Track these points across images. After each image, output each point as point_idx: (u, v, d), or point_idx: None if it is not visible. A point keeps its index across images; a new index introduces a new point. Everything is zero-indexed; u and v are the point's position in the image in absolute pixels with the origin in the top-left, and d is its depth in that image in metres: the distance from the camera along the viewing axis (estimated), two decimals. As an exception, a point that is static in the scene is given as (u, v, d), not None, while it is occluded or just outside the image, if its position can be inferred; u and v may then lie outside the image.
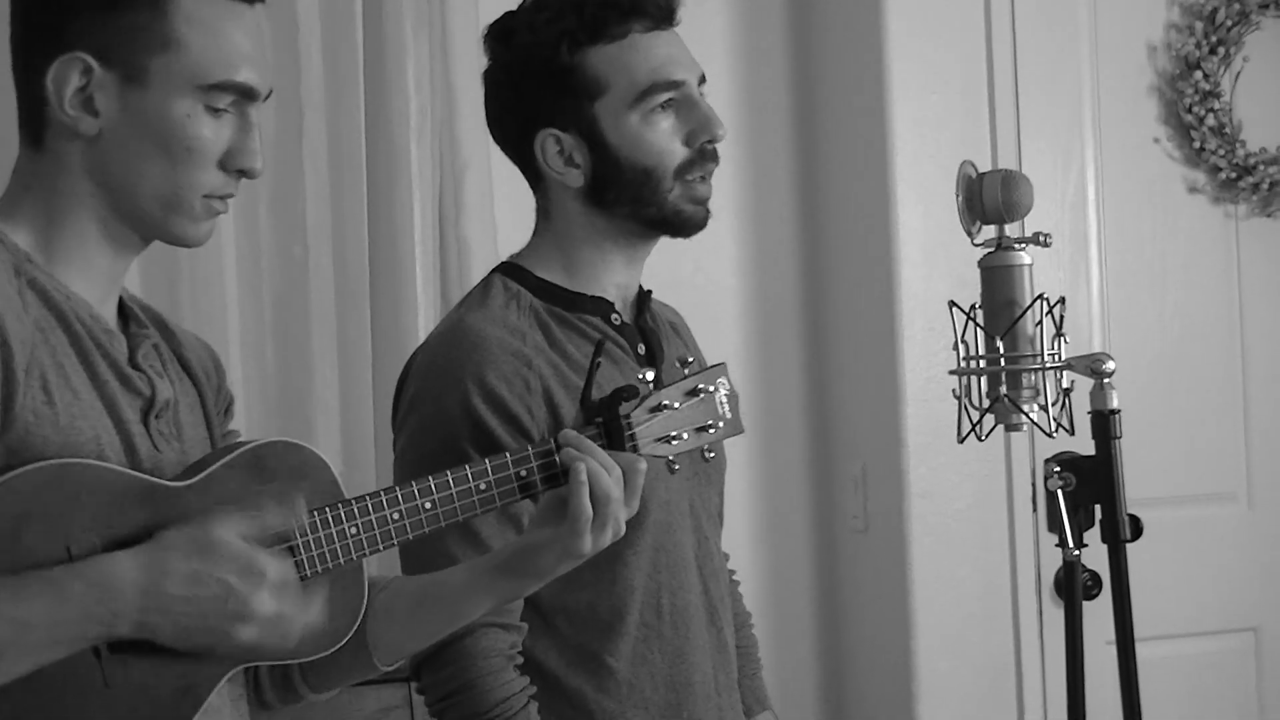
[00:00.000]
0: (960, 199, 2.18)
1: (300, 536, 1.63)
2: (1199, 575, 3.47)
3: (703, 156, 2.11)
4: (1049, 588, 3.35)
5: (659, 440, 1.82)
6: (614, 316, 2.14)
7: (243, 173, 1.69)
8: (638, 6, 2.09)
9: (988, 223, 2.19)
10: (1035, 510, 3.35)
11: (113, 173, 1.64)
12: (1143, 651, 2.18)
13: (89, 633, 1.51)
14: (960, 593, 3.30)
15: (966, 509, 3.31)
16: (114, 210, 1.66)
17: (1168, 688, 3.31)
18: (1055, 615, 3.34)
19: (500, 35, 2.15)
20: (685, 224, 2.13)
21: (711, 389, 1.85)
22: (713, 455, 1.91)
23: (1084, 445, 2.22)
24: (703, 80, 2.15)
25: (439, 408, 2.04)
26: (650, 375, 1.82)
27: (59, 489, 1.53)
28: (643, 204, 2.10)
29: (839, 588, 3.51)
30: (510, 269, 2.16)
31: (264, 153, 3.06)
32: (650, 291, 2.24)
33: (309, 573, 1.64)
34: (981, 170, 2.19)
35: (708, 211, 2.14)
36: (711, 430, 1.85)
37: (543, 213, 2.19)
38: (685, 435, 1.84)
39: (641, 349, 2.16)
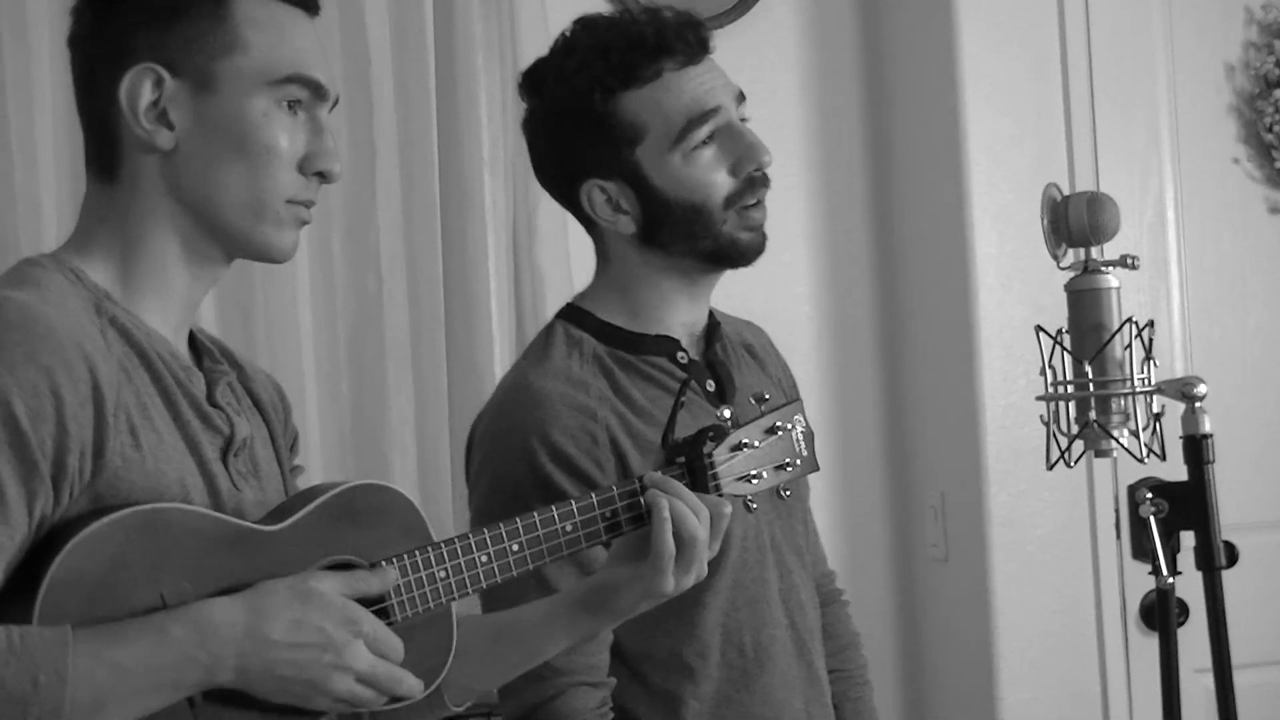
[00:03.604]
0: (1045, 222, 2.15)
1: (394, 597, 1.63)
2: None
3: (751, 184, 2.08)
4: (1134, 615, 3.31)
5: (740, 479, 1.79)
6: (680, 355, 2.12)
7: (321, 175, 1.66)
8: (666, 46, 2.05)
9: (1073, 245, 2.16)
10: (1119, 537, 3.30)
11: (193, 186, 1.62)
12: (1235, 679, 2.14)
13: (188, 678, 1.49)
14: (1043, 622, 3.25)
15: (1049, 536, 3.26)
16: (197, 226, 1.64)
17: (1261, 716, 3.25)
18: (1141, 643, 3.29)
19: (532, 84, 2.12)
20: (743, 253, 2.10)
21: (789, 426, 1.83)
22: (789, 494, 1.89)
23: (1167, 471, 2.19)
24: (742, 99, 2.11)
25: (506, 470, 2.02)
26: (728, 413, 1.79)
27: (151, 534, 1.52)
28: (697, 239, 2.07)
29: (920, 618, 3.47)
30: (572, 312, 2.14)
31: (337, 183, 3.09)
32: (719, 323, 2.20)
33: (398, 618, 1.63)
34: (1066, 193, 2.16)
35: (764, 236, 2.11)
36: (789, 468, 1.83)
37: (601, 255, 2.16)
38: (765, 474, 1.81)
39: (711, 385, 2.13)
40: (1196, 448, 2.09)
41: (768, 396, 1.84)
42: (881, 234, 3.49)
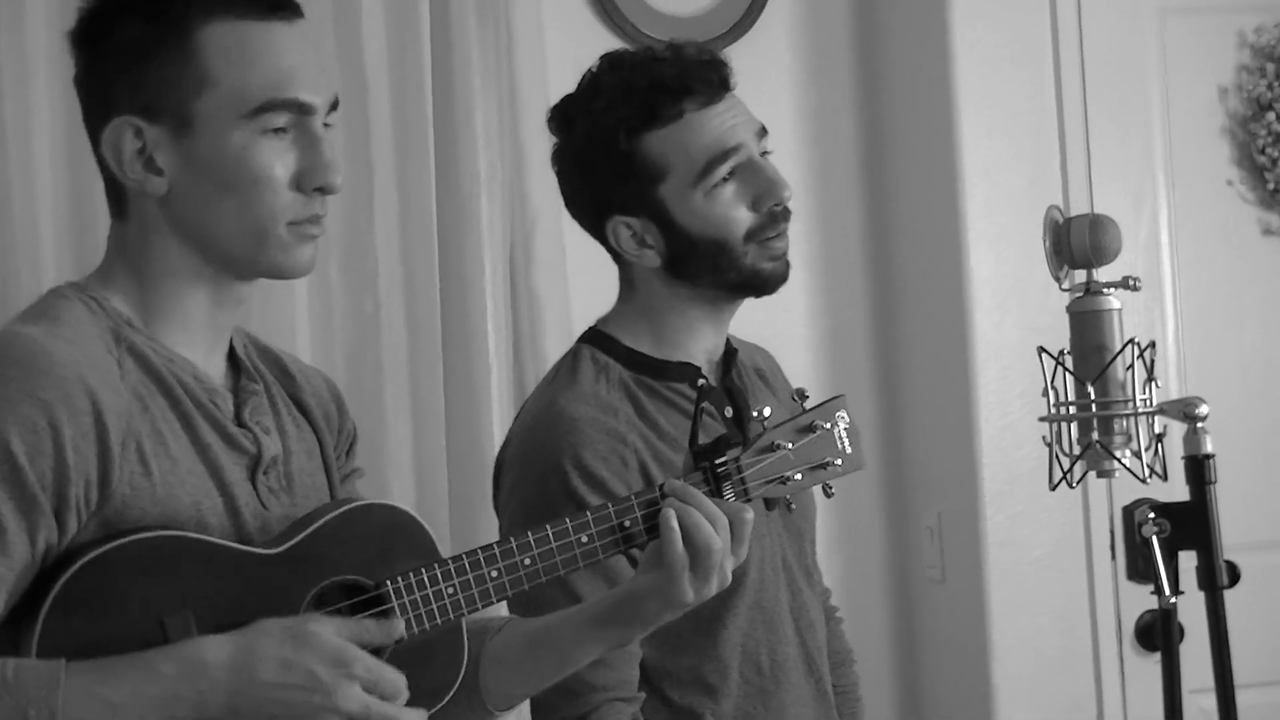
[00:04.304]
0: (1047, 244, 2.17)
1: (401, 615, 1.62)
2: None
3: (773, 219, 2.12)
4: (1130, 636, 3.31)
5: (771, 482, 1.78)
6: (701, 382, 2.14)
7: (320, 190, 1.65)
8: (689, 88, 2.09)
9: (1075, 267, 2.18)
10: (1114, 557, 3.30)
11: (192, 225, 1.63)
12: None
13: (178, 713, 1.50)
14: (1040, 643, 3.26)
15: (1045, 557, 3.27)
16: (205, 260, 1.65)
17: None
18: (1137, 664, 3.30)
19: (561, 120, 2.16)
20: (766, 282, 2.14)
21: (829, 424, 1.81)
22: (833, 493, 1.90)
23: (1163, 491, 2.19)
24: (764, 133, 2.15)
25: (539, 493, 2.04)
26: (768, 411, 1.79)
27: (151, 562, 1.53)
28: (721, 271, 2.11)
29: (917, 638, 3.47)
30: (597, 337, 2.17)
31: (335, 206, 3.07)
32: (736, 350, 2.23)
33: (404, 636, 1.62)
34: (1067, 215, 2.18)
35: (787, 265, 2.15)
36: (829, 467, 1.81)
37: (626, 283, 2.20)
38: (799, 475, 1.79)
39: (729, 411, 2.15)
40: (1199, 468, 2.11)
41: (808, 394, 1.84)
42: (877, 256, 3.50)
